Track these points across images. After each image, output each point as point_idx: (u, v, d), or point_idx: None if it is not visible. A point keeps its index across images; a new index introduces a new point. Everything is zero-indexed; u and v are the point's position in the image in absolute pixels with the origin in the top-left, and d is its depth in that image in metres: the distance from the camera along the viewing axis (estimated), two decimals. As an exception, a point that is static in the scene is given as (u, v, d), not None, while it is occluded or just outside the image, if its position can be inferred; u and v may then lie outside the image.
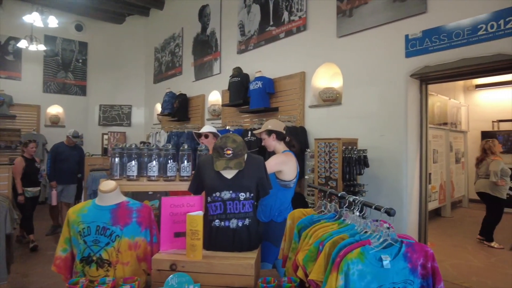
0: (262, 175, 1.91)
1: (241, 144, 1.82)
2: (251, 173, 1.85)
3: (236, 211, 1.79)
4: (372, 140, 3.71)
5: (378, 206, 1.44)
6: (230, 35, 6.20)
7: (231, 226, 1.78)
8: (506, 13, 2.91)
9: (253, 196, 1.86)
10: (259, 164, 1.92)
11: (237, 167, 1.77)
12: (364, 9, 3.94)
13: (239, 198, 1.79)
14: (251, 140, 4.83)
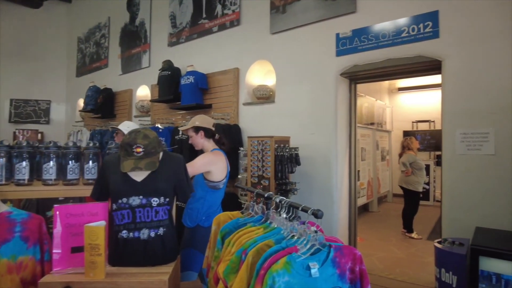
0: (181, 176, 1.67)
1: (154, 141, 1.56)
2: (167, 174, 1.60)
3: (147, 220, 1.53)
4: (304, 138, 3.69)
5: (305, 207, 1.32)
6: (160, 27, 5.81)
7: (141, 237, 1.52)
8: (424, 18, 3.06)
9: (169, 202, 1.61)
10: (178, 163, 1.68)
11: (149, 167, 1.51)
12: (297, 6, 3.91)
13: (151, 204, 1.54)
14: (182, 138, 4.54)
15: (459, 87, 2.88)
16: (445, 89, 3.00)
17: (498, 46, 2.71)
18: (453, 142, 2.89)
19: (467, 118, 2.83)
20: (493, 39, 2.73)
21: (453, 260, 2.22)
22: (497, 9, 2.73)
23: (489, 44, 2.75)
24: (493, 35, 2.73)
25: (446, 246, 2.37)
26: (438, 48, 3.00)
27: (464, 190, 2.82)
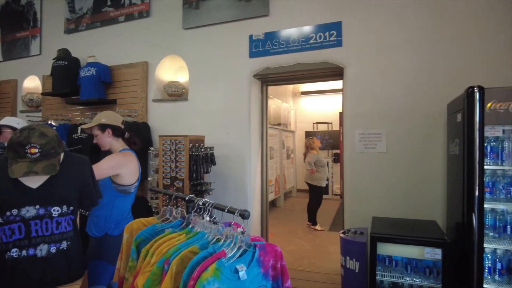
0: (87, 180, 1.46)
1: (53, 139, 1.34)
2: (70, 179, 1.38)
3: (46, 233, 1.31)
4: (219, 138, 3.67)
5: (232, 209, 1.29)
6: (54, 10, 5.08)
7: (39, 255, 1.29)
8: (330, 27, 3.34)
9: (73, 210, 1.40)
10: (83, 165, 1.47)
11: (47, 171, 1.29)
12: (211, 4, 3.86)
13: (51, 215, 1.32)
14: (81, 137, 4.07)
15: (357, 92, 3.23)
16: (346, 93, 3.32)
17: (392, 57, 3.11)
18: (352, 141, 3.22)
19: (364, 120, 3.18)
20: (388, 51, 3.13)
21: (356, 248, 2.47)
22: (393, 24, 3.13)
23: (385, 55, 3.14)
24: (388, 47, 3.13)
25: (349, 236, 2.63)
26: (341, 56, 3.30)
27: (362, 184, 3.16)
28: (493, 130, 2.32)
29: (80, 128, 4.17)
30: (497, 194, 2.43)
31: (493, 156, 2.39)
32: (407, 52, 3.07)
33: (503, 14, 2.82)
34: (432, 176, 2.95)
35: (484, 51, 2.85)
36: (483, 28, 2.87)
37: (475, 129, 2.23)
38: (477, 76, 2.83)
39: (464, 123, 2.28)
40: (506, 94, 2.22)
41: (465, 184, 2.28)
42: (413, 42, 3.05)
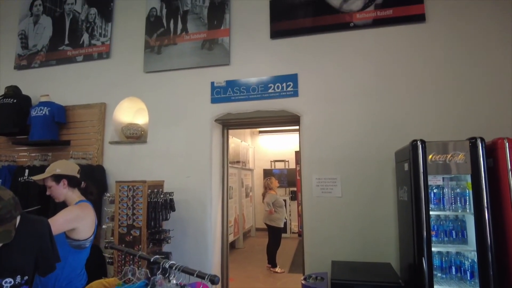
0: (46, 245, 1.38)
1: (10, 203, 1.23)
2: (26, 245, 1.29)
3: (-4, 309, 1.20)
4: (179, 182, 3.62)
5: (201, 274, 1.29)
6: (4, 44, 4.87)
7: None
8: (287, 78, 3.57)
9: (27, 280, 1.30)
10: (41, 229, 1.39)
11: (1, 239, 1.19)
12: (173, 50, 3.96)
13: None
14: (29, 181, 3.79)
15: (313, 139, 3.41)
16: (302, 140, 3.49)
17: (344, 107, 3.37)
18: (310, 185, 3.35)
19: (321, 165, 3.35)
20: (340, 101, 3.39)
21: (317, 296, 2.50)
22: (345, 77, 3.42)
23: (337, 104, 3.39)
24: (340, 98, 3.40)
25: (310, 282, 2.66)
26: (298, 105, 3.51)
27: (321, 227, 3.26)
28: (435, 179, 2.57)
29: (26, 171, 3.90)
30: (442, 237, 2.65)
31: (436, 202, 2.63)
32: (358, 103, 3.35)
33: (439, 72, 3.22)
34: (384, 220, 3.13)
35: (423, 104, 3.20)
36: (421, 85, 3.24)
37: (420, 178, 2.45)
38: (418, 126, 3.15)
39: (411, 173, 2.50)
40: (443, 147, 2.49)
41: (415, 229, 2.45)
42: (363, 94, 3.35)
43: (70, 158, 3.83)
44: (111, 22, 4.32)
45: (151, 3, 4.14)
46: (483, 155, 2.38)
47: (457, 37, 3.24)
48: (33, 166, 3.93)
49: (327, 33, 3.56)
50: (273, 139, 9.63)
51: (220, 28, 3.82)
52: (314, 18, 3.61)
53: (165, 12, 4.07)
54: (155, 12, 4.10)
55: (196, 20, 3.93)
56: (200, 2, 3.96)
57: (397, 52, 3.35)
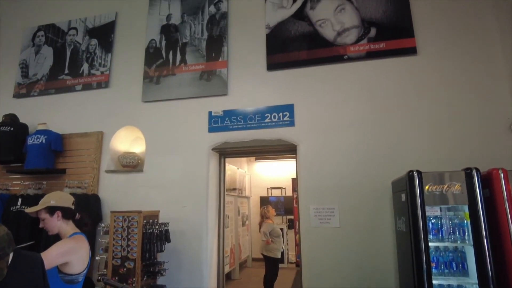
0: (38, 282, 1.34)
1: (4, 239, 1.20)
2: (19, 283, 1.26)
3: None
4: (174, 212, 3.57)
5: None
6: (5, 73, 4.94)
7: None
8: (283, 108, 3.63)
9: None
10: (35, 266, 1.34)
11: None
12: (172, 80, 4.03)
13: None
14: (21, 209, 3.73)
15: (310, 168, 3.42)
16: (299, 169, 3.50)
17: (340, 136, 3.41)
18: (308, 216, 3.32)
19: (318, 195, 3.34)
20: (336, 131, 3.43)
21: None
22: (340, 107, 3.48)
23: (333, 134, 3.43)
24: (336, 127, 3.44)
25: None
26: (294, 135, 3.54)
27: (320, 258, 3.20)
28: (433, 210, 2.56)
29: (19, 200, 3.84)
30: (442, 269, 2.61)
31: (435, 232, 2.61)
32: (353, 132, 3.39)
33: (432, 103, 3.29)
34: (383, 251, 3.09)
35: (417, 133, 3.25)
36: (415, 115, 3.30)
37: (418, 209, 2.45)
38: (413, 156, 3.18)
39: (409, 204, 2.50)
40: (439, 177, 2.51)
41: (414, 261, 2.42)
42: (358, 123, 3.40)
43: (65, 187, 3.79)
44: (111, 52, 4.42)
45: (151, 35, 4.26)
46: (479, 186, 2.40)
47: (448, 68, 3.34)
48: (27, 195, 3.88)
49: (322, 65, 3.66)
50: (270, 166, 9.61)
51: (218, 60, 3.92)
52: (309, 51, 3.72)
53: (164, 44, 4.18)
54: (155, 43, 4.21)
55: (195, 52, 4.04)
56: (199, 35, 4.08)
57: (391, 83, 3.44)
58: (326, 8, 3.80)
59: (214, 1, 4.15)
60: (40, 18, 4.97)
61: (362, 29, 3.66)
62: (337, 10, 3.78)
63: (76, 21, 4.75)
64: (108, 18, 4.60)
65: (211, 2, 4.16)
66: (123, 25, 4.51)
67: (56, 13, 4.91)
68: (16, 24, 5.09)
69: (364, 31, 3.65)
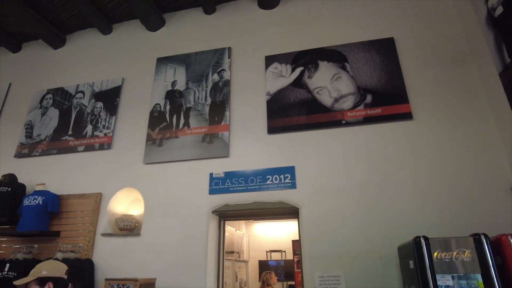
0: None
1: None
2: None
3: None
4: (171, 279, 3.39)
5: None
6: (9, 133, 5.00)
7: None
8: (284, 171, 3.65)
9: None
10: None
11: None
12: (174, 142, 4.10)
13: None
14: (8, 277, 3.52)
15: (313, 232, 3.33)
16: (302, 234, 3.41)
17: (342, 200, 3.38)
18: (313, 285, 3.15)
19: (322, 261, 3.21)
20: (338, 194, 3.41)
21: None
22: (341, 169, 3.50)
23: (335, 197, 3.40)
24: (338, 190, 3.43)
25: None
26: (296, 197, 3.52)
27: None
28: (444, 279, 2.45)
29: (7, 265, 3.65)
30: None
31: (448, 305, 2.46)
32: (354, 196, 3.37)
33: (431, 167, 3.32)
34: (393, 324, 2.88)
35: (419, 198, 3.23)
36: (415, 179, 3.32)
37: (429, 278, 2.35)
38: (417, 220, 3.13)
39: (418, 272, 2.40)
40: (446, 244, 2.44)
41: (429, 338, 2.25)
42: (359, 187, 3.39)
43: (58, 251, 3.63)
44: (115, 115, 4.55)
45: (156, 100, 4.44)
46: (490, 253, 2.33)
47: (444, 132, 3.43)
48: (16, 259, 3.69)
49: (321, 129, 3.77)
50: (269, 227, 9.35)
51: (220, 123, 4.04)
52: (308, 116, 3.86)
53: (168, 108, 4.33)
54: (159, 108, 4.37)
55: (198, 116, 4.18)
56: (202, 100, 4.26)
57: (389, 147, 3.51)
58: (323, 77, 4.03)
59: (218, 69, 4.41)
60: (50, 82, 5.21)
61: (358, 96, 3.84)
62: (334, 78, 4.00)
63: (84, 85, 4.97)
64: (114, 83, 4.82)
65: (214, 71, 4.41)
66: (129, 89, 4.72)
67: (66, 77, 5.15)
68: (26, 87, 5.31)
69: (360, 97, 3.82)
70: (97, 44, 5.28)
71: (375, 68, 3.92)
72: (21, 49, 5.81)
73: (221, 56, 4.49)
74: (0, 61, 5.81)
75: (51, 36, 5.38)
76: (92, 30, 5.38)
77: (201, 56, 4.58)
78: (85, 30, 5.48)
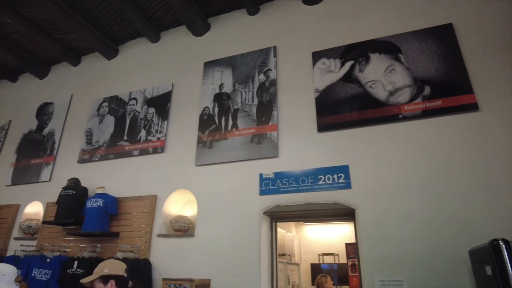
0: None
1: None
2: None
3: None
4: (225, 281, 3.38)
5: None
6: (72, 140, 5.39)
7: None
8: (337, 170, 3.49)
9: None
10: None
11: None
12: (224, 144, 4.12)
13: None
14: (76, 273, 3.75)
15: (372, 235, 3.14)
16: (360, 236, 3.22)
17: (403, 199, 3.14)
18: (373, 290, 2.96)
19: (383, 265, 3.00)
20: (398, 193, 3.18)
21: None
22: (401, 166, 3.27)
23: (395, 197, 3.17)
24: (398, 189, 3.20)
25: None
26: (351, 198, 3.34)
27: None
28: (531, 289, 2.15)
29: (75, 263, 3.89)
30: None
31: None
32: (415, 196, 3.12)
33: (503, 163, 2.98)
34: (468, 337, 2.61)
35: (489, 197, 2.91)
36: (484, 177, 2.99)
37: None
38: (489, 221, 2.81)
39: (498, 279, 2.14)
40: (532, 248, 2.15)
41: None
42: (419, 186, 3.14)
43: (119, 251, 3.80)
44: (167, 120, 4.70)
45: (205, 103, 4.51)
46: None
47: (518, 124, 3.07)
48: (82, 257, 3.92)
49: (376, 125, 3.56)
50: (320, 230, 9.11)
51: (268, 123, 3.99)
52: (361, 111, 3.67)
53: (217, 110, 4.38)
54: (208, 111, 4.43)
55: (246, 117, 4.17)
56: (249, 101, 4.25)
57: (452, 142, 3.21)
58: (375, 70, 3.81)
59: (264, 69, 4.37)
60: (106, 91, 5.53)
61: (415, 88, 3.57)
62: (387, 71, 3.77)
63: (136, 92, 5.20)
64: (165, 89, 4.98)
65: (260, 71, 4.38)
66: (179, 94, 4.85)
67: (119, 86, 5.43)
68: (85, 97, 5.69)
69: (417, 89, 3.56)
70: (147, 52, 5.51)
71: (433, 57, 3.63)
72: (80, 62, 6.25)
73: (266, 56, 4.44)
74: (64, 75, 6.30)
75: (106, 48, 5.72)
76: (142, 39, 5.62)
77: (247, 57, 4.57)
78: (135, 39, 5.74)
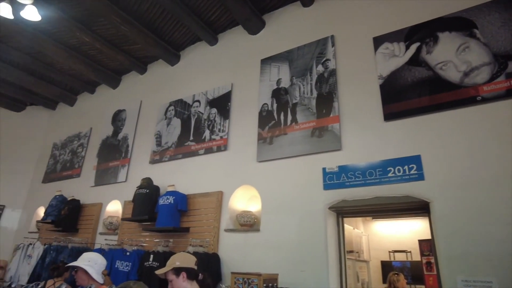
0: None
1: None
2: None
3: None
4: (293, 276, 3.36)
5: None
6: (144, 143, 5.84)
7: None
8: (408, 160, 3.24)
9: None
10: None
11: None
12: (284, 139, 4.10)
13: None
14: (152, 266, 4.05)
15: (450, 230, 2.86)
16: (436, 232, 2.97)
17: (483, 191, 2.81)
18: (454, 290, 2.70)
19: (466, 263, 2.72)
20: (477, 184, 2.85)
21: None
22: (478, 156, 2.94)
23: (474, 188, 2.85)
24: (477, 180, 2.87)
25: None
26: (425, 190, 3.09)
27: None
28: None
29: (151, 256, 4.20)
30: None
31: None
32: (502, 186, 2.76)
33: None
34: None
35: None
36: None
37: None
38: None
39: None
40: None
41: None
42: (505, 175, 2.77)
43: (189, 245, 4.01)
44: (228, 119, 4.82)
45: (263, 100, 4.53)
46: None
47: None
48: (157, 251, 4.22)
49: (449, 110, 3.24)
50: (389, 226, 8.63)
51: (329, 116, 3.87)
52: (431, 96, 3.37)
53: (275, 106, 4.37)
54: (267, 107, 4.44)
55: (305, 110, 4.09)
56: (308, 94, 4.16)
57: (547, 123, 2.78)
58: (446, 50, 3.46)
59: (322, 60, 4.24)
60: (171, 95, 5.86)
61: (496, 65, 3.17)
62: (460, 49, 3.40)
63: (199, 94, 5.42)
64: (225, 89, 5.11)
65: (318, 62, 4.26)
66: (238, 93, 4.94)
67: (183, 90, 5.72)
68: (153, 102, 6.11)
69: (499, 66, 3.15)
70: (206, 55, 5.71)
71: (517, 28, 3.19)
72: (147, 71, 6.71)
73: (324, 46, 4.31)
74: (133, 83, 6.83)
75: (168, 54, 6.06)
76: (201, 43, 5.84)
77: (303, 50, 4.48)
78: (194, 44, 5.99)
